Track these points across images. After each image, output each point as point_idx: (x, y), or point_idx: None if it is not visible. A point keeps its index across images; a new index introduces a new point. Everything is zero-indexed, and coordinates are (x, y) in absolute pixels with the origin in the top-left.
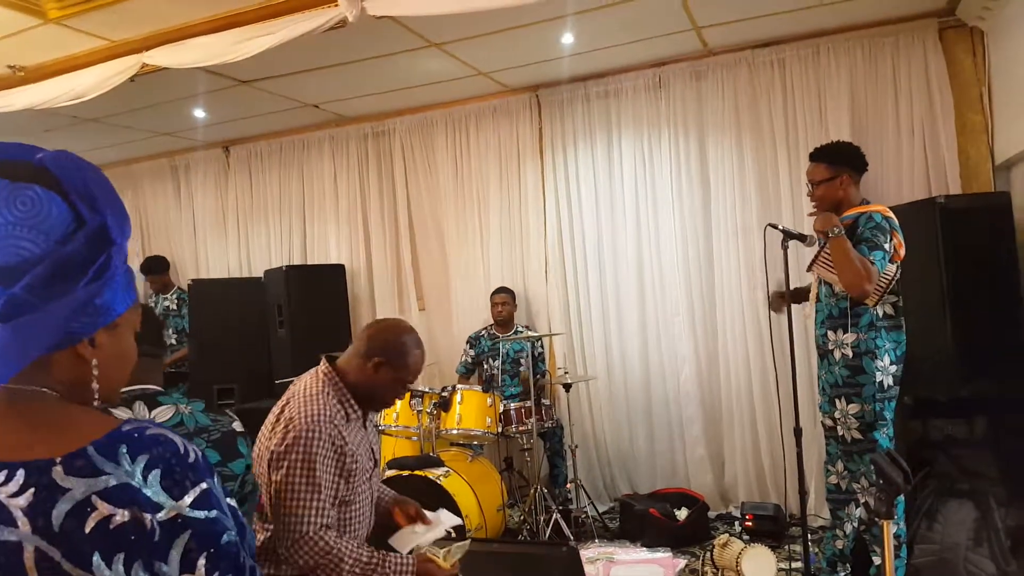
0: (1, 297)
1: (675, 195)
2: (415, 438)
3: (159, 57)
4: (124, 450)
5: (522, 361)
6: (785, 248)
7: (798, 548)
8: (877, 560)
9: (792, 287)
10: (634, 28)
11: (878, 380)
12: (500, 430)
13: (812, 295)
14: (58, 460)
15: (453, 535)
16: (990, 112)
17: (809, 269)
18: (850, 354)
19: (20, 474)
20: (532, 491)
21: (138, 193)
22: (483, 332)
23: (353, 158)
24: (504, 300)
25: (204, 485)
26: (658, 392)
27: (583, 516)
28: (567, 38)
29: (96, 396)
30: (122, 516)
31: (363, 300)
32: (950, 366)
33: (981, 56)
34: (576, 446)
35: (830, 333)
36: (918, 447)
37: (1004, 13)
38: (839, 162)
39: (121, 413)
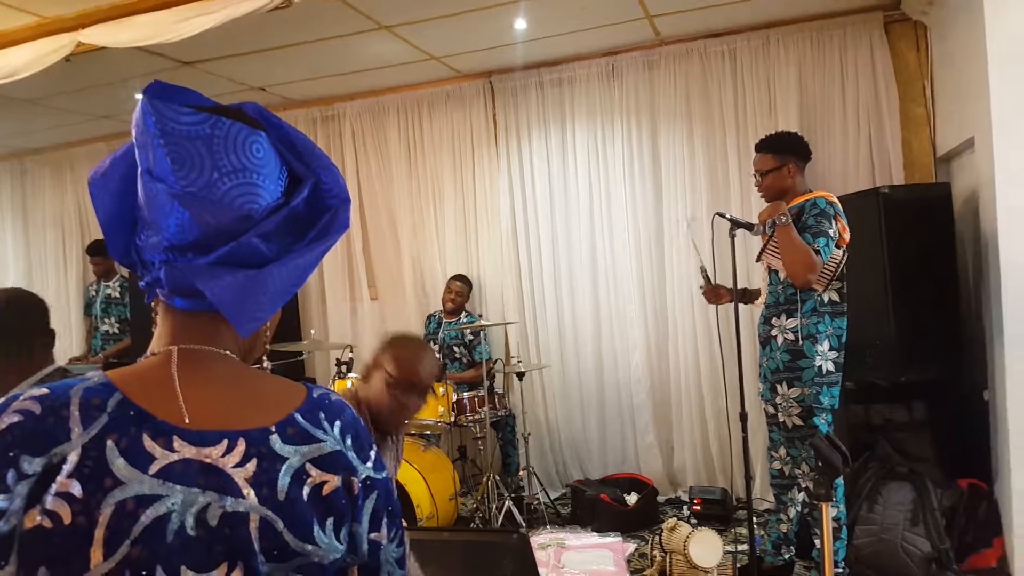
0: (235, 244)
1: (628, 184)
2: None
3: (95, 36)
4: (323, 416)
5: (456, 349)
6: (733, 236)
7: (744, 531)
8: (819, 542)
9: (741, 288)
10: (587, 15)
11: (817, 365)
12: (453, 419)
13: (762, 299)
14: (273, 428)
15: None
16: (932, 105)
17: (759, 259)
18: (792, 339)
19: (241, 443)
20: (485, 479)
21: (76, 178)
22: (433, 313)
23: None
24: (459, 290)
25: (375, 449)
26: (610, 379)
27: (535, 503)
28: (520, 24)
29: (259, 361)
30: (333, 483)
31: (312, 289)
32: (891, 352)
33: (924, 50)
34: (529, 434)
35: (773, 320)
36: (860, 431)
37: (945, 8)
38: (785, 151)
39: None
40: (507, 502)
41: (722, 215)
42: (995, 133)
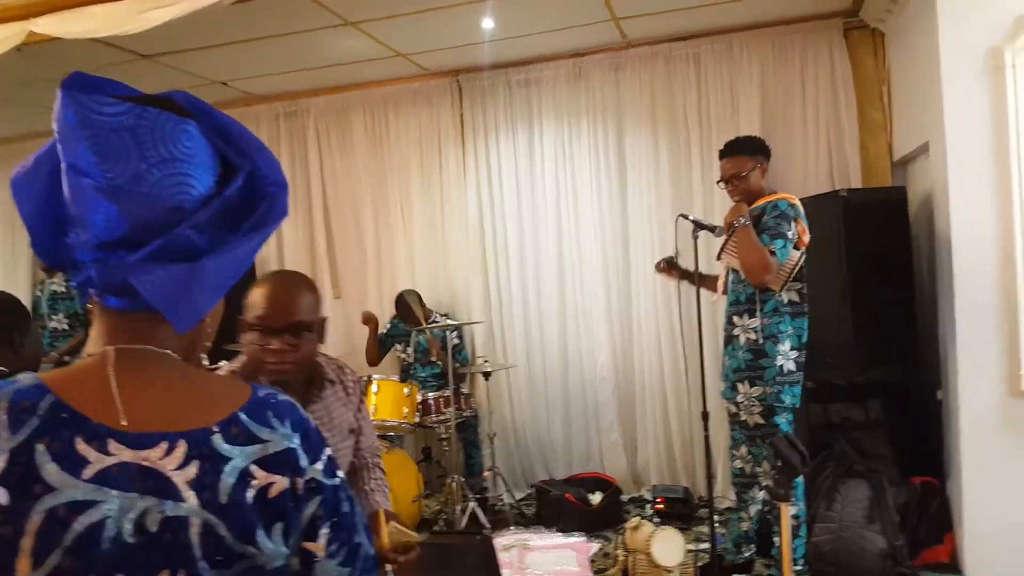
0: (168, 237)
1: (594, 185)
2: None
3: (48, 25)
4: (270, 414)
5: (433, 351)
6: (696, 238)
7: (706, 529)
8: (778, 540)
9: (701, 273)
10: (554, 16)
11: (779, 364)
12: (418, 420)
13: (720, 285)
14: (215, 428)
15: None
16: (889, 110)
17: (719, 258)
18: (754, 338)
19: (181, 445)
20: (449, 481)
21: None
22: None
23: (264, 139)
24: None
25: (329, 451)
26: (575, 379)
27: (500, 504)
28: (487, 23)
29: (199, 360)
30: (280, 485)
31: None
32: (849, 352)
33: (882, 57)
34: (495, 434)
35: (735, 318)
36: (819, 430)
37: (902, 16)
38: (756, 152)
39: None
40: (471, 503)
41: (685, 216)
42: (948, 138)
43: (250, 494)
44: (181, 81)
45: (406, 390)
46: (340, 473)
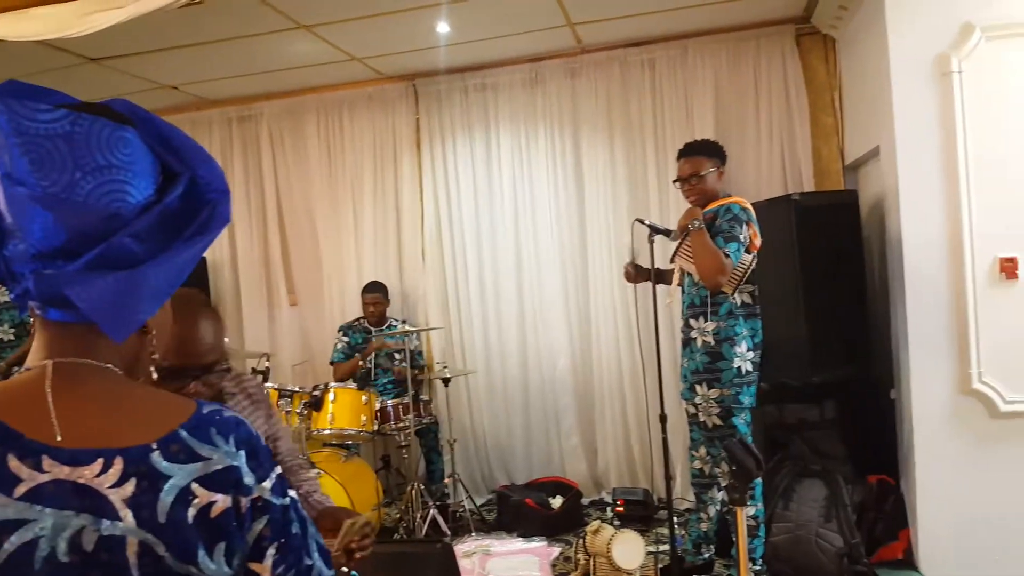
0: (106, 245)
1: (551, 190)
2: None
3: None
4: (213, 431)
5: (395, 356)
6: (652, 242)
7: (666, 531)
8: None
9: (659, 270)
10: (510, 21)
11: (736, 366)
12: (376, 428)
13: (674, 282)
14: (154, 445)
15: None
16: (840, 115)
17: (672, 260)
18: (711, 341)
19: (118, 462)
20: (409, 488)
21: None
22: (356, 322)
23: (216, 144)
24: (376, 300)
25: (278, 470)
26: (535, 383)
27: (460, 510)
28: (443, 27)
29: (147, 373)
30: (222, 504)
31: (227, 294)
32: (803, 353)
33: (833, 62)
34: (455, 440)
35: (692, 321)
36: (775, 430)
37: (853, 23)
38: (714, 155)
39: None
40: (432, 510)
41: (641, 221)
42: (898, 142)
43: (191, 513)
44: (131, 85)
45: (364, 398)
46: (292, 493)
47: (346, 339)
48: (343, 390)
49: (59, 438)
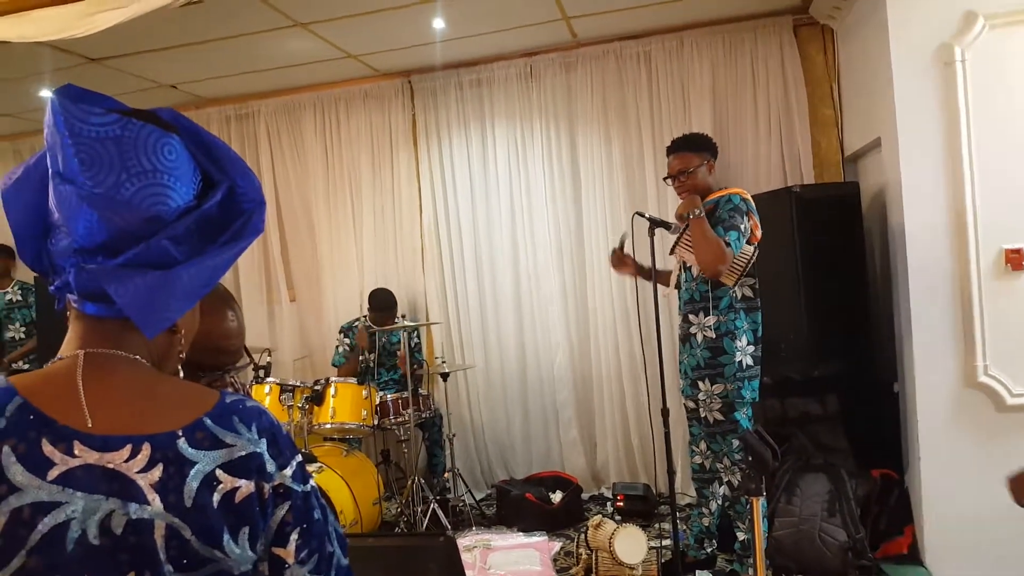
0: (145, 245)
1: (548, 185)
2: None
3: None
4: (236, 420)
5: (398, 353)
6: (652, 235)
7: (667, 526)
8: (741, 536)
9: (657, 269)
10: (505, 16)
11: (738, 360)
12: (376, 422)
13: (672, 280)
14: (180, 432)
15: None
16: (839, 107)
17: (672, 252)
18: (712, 335)
19: (146, 448)
20: (409, 482)
21: None
22: (356, 322)
23: None
24: (385, 319)
25: (299, 458)
26: (533, 378)
27: (460, 504)
28: (438, 23)
29: (174, 370)
30: (246, 489)
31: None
32: (805, 347)
33: (831, 53)
34: (454, 435)
35: (691, 316)
36: (777, 424)
37: (852, 13)
38: (704, 149)
39: None
40: (432, 505)
41: (641, 214)
42: (900, 134)
43: (216, 498)
44: (130, 84)
45: (364, 392)
46: (313, 482)
47: (347, 341)
48: (344, 384)
49: (90, 424)
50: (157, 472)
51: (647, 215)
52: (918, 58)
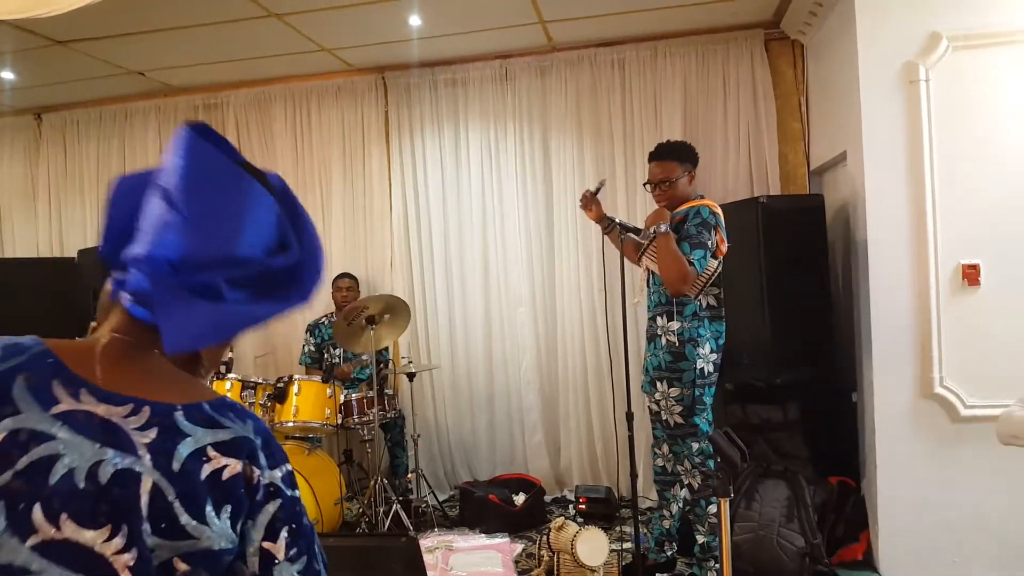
0: (205, 277)
1: (520, 187)
2: None
3: None
4: (232, 413)
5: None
6: (622, 240)
7: (629, 529)
8: (700, 539)
9: (628, 226)
10: (482, 16)
11: (698, 367)
12: (340, 421)
13: (640, 281)
14: (179, 407)
15: None
16: (807, 120)
17: (639, 261)
18: (675, 341)
19: (146, 410)
20: (372, 483)
21: None
22: (323, 319)
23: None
24: (348, 285)
25: (289, 466)
26: (500, 380)
27: (423, 506)
28: (415, 19)
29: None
30: (233, 468)
31: None
32: (767, 355)
33: (801, 68)
34: (419, 436)
35: (658, 319)
36: (738, 431)
37: (822, 30)
38: (687, 160)
39: None
40: (395, 505)
41: (612, 219)
42: (866, 148)
43: (204, 470)
44: (98, 69)
45: (328, 391)
46: (298, 492)
47: (313, 340)
48: (308, 383)
49: (99, 377)
50: (152, 433)
51: (618, 220)
52: (884, 75)
